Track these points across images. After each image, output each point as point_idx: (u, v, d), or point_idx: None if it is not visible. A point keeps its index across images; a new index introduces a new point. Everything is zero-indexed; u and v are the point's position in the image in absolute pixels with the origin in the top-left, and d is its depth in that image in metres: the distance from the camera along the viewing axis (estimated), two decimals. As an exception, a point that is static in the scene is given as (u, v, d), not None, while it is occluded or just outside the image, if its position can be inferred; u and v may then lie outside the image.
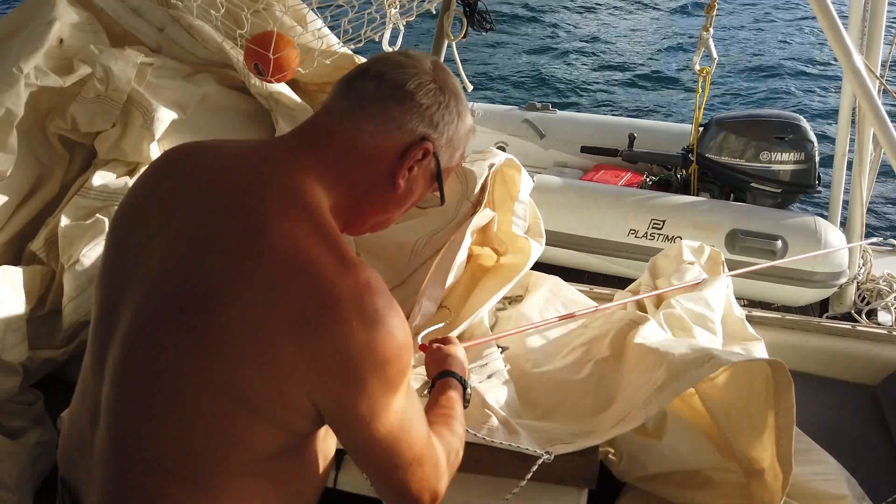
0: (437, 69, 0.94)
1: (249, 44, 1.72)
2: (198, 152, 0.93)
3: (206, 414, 0.79)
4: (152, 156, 1.86)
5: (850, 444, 1.58)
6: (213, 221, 0.82)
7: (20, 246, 1.81)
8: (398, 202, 0.96)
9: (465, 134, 0.98)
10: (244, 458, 0.82)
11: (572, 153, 3.76)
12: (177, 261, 0.82)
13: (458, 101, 0.95)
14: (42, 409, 1.66)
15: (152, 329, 0.81)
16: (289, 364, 0.77)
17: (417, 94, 0.90)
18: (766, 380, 1.23)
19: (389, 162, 0.91)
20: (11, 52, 1.71)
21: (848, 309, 2.94)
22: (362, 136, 0.89)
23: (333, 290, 0.77)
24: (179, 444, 0.81)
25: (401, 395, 0.83)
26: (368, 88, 0.90)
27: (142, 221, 0.88)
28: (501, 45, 8.55)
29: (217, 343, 0.77)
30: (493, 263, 1.73)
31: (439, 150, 0.94)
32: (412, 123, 0.90)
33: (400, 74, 0.91)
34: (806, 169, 3.08)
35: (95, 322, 0.91)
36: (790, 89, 7.31)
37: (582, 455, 1.26)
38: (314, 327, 0.76)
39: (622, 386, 1.38)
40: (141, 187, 0.94)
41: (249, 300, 0.77)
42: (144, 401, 0.82)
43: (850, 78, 1.93)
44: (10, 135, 1.66)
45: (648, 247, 2.97)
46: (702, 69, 2.96)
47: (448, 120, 0.93)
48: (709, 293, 1.64)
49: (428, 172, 0.96)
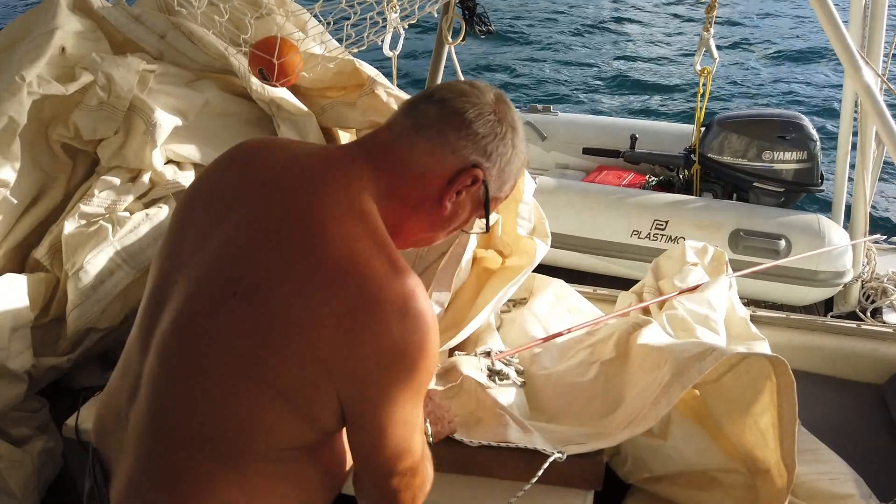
0: (499, 102, 0.98)
1: (254, 49, 1.72)
2: (267, 149, 0.99)
3: (241, 398, 0.83)
4: (155, 163, 1.86)
5: (857, 443, 1.58)
6: (271, 217, 0.87)
7: (24, 254, 1.81)
8: (442, 223, 0.99)
9: (519, 167, 1.01)
10: (271, 446, 0.86)
11: (574, 155, 3.76)
12: (234, 250, 0.86)
13: (515, 135, 0.99)
14: (47, 416, 1.66)
15: (203, 311, 0.85)
16: (328, 360, 0.80)
17: (475, 123, 0.94)
18: (769, 379, 1.23)
19: (439, 184, 0.95)
20: (14, 60, 1.72)
21: (853, 308, 2.93)
22: (417, 156, 0.93)
23: (380, 293, 0.81)
24: (213, 423, 0.85)
25: (417, 405, 0.88)
26: (430, 112, 0.95)
27: (204, 208, 0.94)
28: (502, 47, 8.56)
29: (263, 332, 0.81)
30: (498, 266, 1.73)
31: (489, 179, 0.97)
32: (466, 150, 0.94)
33: (462, 102, 0.95)
34: (808, 168, 3.08)
35: (147, 298, 0.95)
36: (792, 88, 7.30)
37: (587, 457, 1.26)
38: (357, 326, 0.80)
39: (628, 386, 1.38)
40: (209, 176, 1.00)
41: (299, 295, 0.80)
42: (185, 377, 0.86)
43: (852, 76, 1.94)
44: (13, 143, 1.67)
45: (651, 247, 2.96)
46: (703, 69, 2.95)
47: (502, 152, 0.97)
48: (711, 294, 1.64)
49: (476, 199, 0.99)
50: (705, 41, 2.75)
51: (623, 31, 9.32)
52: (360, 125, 2.01)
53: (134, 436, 0.91)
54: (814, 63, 7.88)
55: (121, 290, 1.76)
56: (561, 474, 1.26)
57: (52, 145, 1.87)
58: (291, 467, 0.90)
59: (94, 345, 1.78)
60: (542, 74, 7.93)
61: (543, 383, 1.49)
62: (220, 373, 0.84)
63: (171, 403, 0.87)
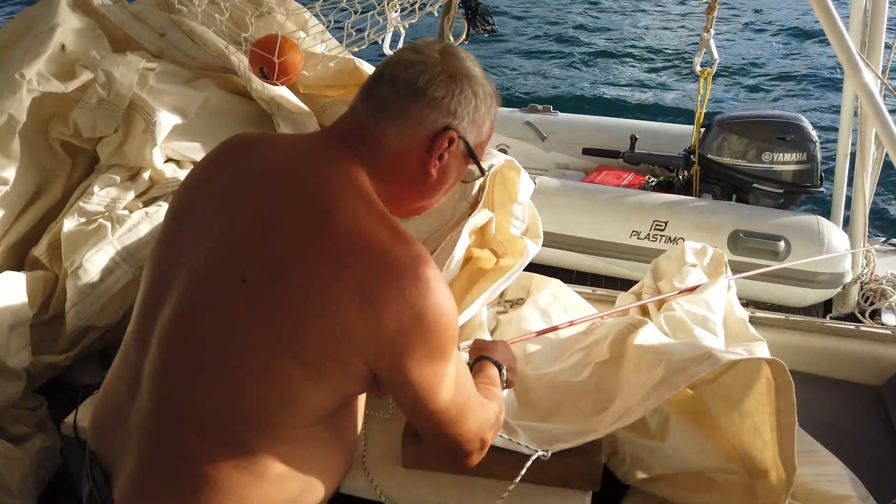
0: (446, 56, 0.98)
1: (254, 48, 1.72)
2: (255, 143, 1.01)
3: (268, 377, 0.85)
4: (154, 161, 1.86)
5: (855, 445, 1.58)
6: (279, 204, 0.89)
7: (23, 251, 1.81)
8: (434, 188, 1.02)
9: (488, 108, 1.02)
10: (294, 423, 0.89)
11: (574, 155, 3.76)
12: (238, 239, 0.89)
13: (472, 82, 0.99)
14: (45, 414, 1.66)
15: (208, 300, 0.88)
16: (350, 333, 0.84)
17: (430, 89, 0.95)
18: (767, 381, 1.23)
19: (419, 156, 0.97)
20: (14, 58, 1.72)
21: (852, 309, 2.92)
22: (388, 138, 0.96)
23: (391, 260, 0.85)
24: (233, 407, 0.87)
25: (451, 359, 0.92)
26: (386, 93, 0.96)
27: (201, 203, 0.96)
28: (502, 47, 8.56)
29: (286, 312, 0.84)
30: (492, 266, 1.74)
31: (465, 133, 0.99)
32: (431, 117, 0.96)
33: (411, 73, 0.96)
34: (808, 169, 3.08)
35: (144, 295, 0.97)
36: (791, 89, 7.30)
37: (586, 457, 1.26)
38: (375, 294, 0.83)
39: (621, 386, 1.38)
40: (201, 172, 1.03)
41: (316, 273, 0.84)
42: (199, 365, 0.88)
43: (852, 77, 1.94)
44: (12, 141, 1.67)
45: (651, 248, 2.96)
46: (703, 70, 2.95)
47: (465, 104, 0.98)
48: (709, 295, 1.64)
49: (459, 154, 1.01)
50: (705, 42, 2.75)
51: (623, 32, 9.32)
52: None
53: (137, 431, 0.91)
54: (814, 64, 7.88)
55: (120, 288, 1.76)
56: (559, 475, 1.26)
57: (51, 143, 1.87)
58: (311, 440, 0.93)
59: (92, 343, 1.78)
60: (542, 74, 7.93)
61: (536, 383, 1.48)
62: (240, 355, 0.86)
63: (179, 394, 0.89)
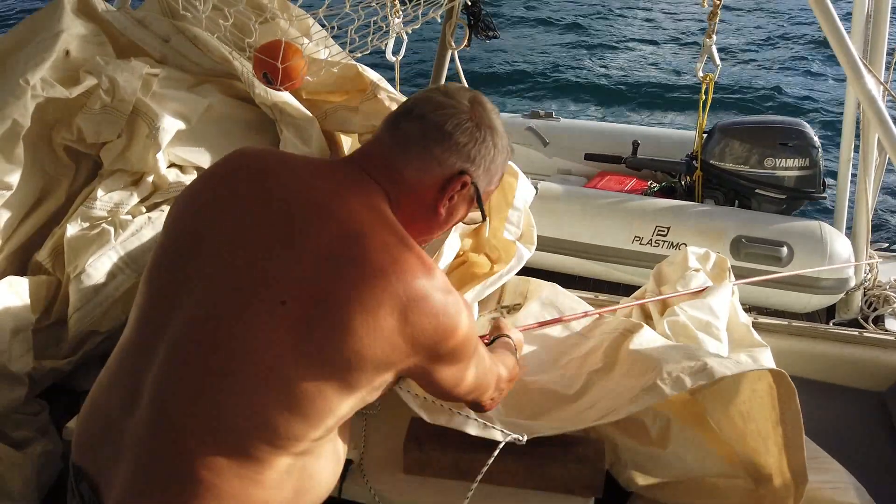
0: (475, 105, 1.06)
1: (258, 53, 1.73)
2: (276, 163, 1.03)
3: (300, 392, 0.89)
4: (158, 166, 1.87)
5: (858, 451, 1.57)
6: (312, 231, 0.93)
7: (26, 256, 1.81)
8: (441, 225, 1.11)
9: (503, 160, 1.12)
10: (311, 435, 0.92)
11: (576, 160, 3.76)
12: (278, 261, 0.91)
13: (494, 134, 1.07)
14: (47, 419, 1.66)
15: (249, 315, 0.89)
16: (390, 349, 0.91)
17: (455, 134, 1.03)
18: (768, 385, 1.23)
19: (432, 194, 1.05)
20: (18, 64, 1.73)
21: (855, 315, 2.92)
22: (409, 172, 1.03)
23: (423, 290, 0.92)
24: (254, 419, 0.88)
25: (475, 356, 1.05)
26: (412, 130, 1.03)
27: (220, 218, 0.98)
28: (504, 52, 8.58)
29: (328, 338, 0.88)
30: (486, 270, 1.74)
31: (477, 180, 1.07)
32: (451, 160, 1.03)
33: (440, 115, 1.03)
34: (811, 175, 3.07)
35: (148, 302, 0.98)
36: (794, 95, 7.30)
37: (588, 464, 1.26)
38: (412, 320, 0.91)
39: (610, 388, 1.37)
40: (217, 186, 1.03)
41: (356, 301, 0.88)
42: (221, 376, 0.89)
43: (854, 82, 1.94)
44: (16, 146, 1.67)
45: (653, 254, 2.96)
46: (705, 76, 2.95)
47: (484, 154, 1.06)
48: (713, 300, 1.64)
49: (468, 199, 1.10)
50: (707, 48, 2.75)
51: (626, 38, 9.33)
52: (363, 130, 2.02)
53: (134, 441, 0.90)
54: (816, 70, 7.88)
55: (122, 292, 1.76)
56: (562, 481, 1.26)
57: (55, 148, 1.87)
58: (314, 450, 0.95)
59: (95, 348, 1.78)
60: (545, 80, 7.94)
61: (526, 388, 1.47)
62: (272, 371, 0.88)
63: (190, 403, 0.89)
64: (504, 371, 1.20)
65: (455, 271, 1.72)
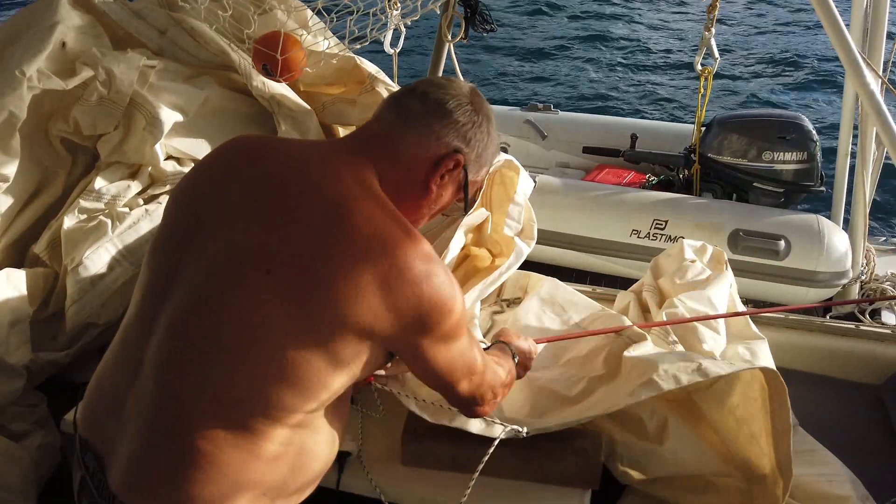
0: (474, 94, 1.11)
1: (257, 45, 1.72)
2: (268, 144, 1.08)
3: (290, 363, 0.90)
4: (155, 158, 1.86)
5: (854, 444, 1.58)
6: (299, 204, 0.95)
7: (23, 249, 1.81)
8: (428, 205, 1.10)
9: (493, 153, 1.14)
10: (303, 407, 0.93)
11: (574, 154, 3.76)
12: (264, 234, 0.94)
13: (490, 124, 1.12)
14: (45, 411, 1.66)
15: (237, 286, 0.92)
16: (373, 319, 0.91)
17: (456, 112, 1.06)
18: (761, 387, 1.24)
19: (425, 169, 1.06)
20: (14, 55, 1.72)
21: (851, 308, 2.93)
22: (406, 146, 1.05)
23: (407, 259, 0.93)
24: (248, 390, 0.91)
25: (462, 336, 1.02)
26: (414, 105, 1.06)
27: (216, 201, 1.00)
28: (502, 45, 8.55)
29: (312, 303, 0.90)
30: (488, 264, 1.73)
31: (468, 164, 1.09)
32: (448, 137, 1.06)
33: (442, 94, 1.07)
34: (808, 168, 3.07)
35: (148, 281, 1.01)
36: (792, 89, 7.30)
37: (585, 457, 1.27)
38: (395, 287, 0.91)
39: (610, 393, 1.38)
40: (214, 170, 1.06)
41: (340, 268, 0.90)
42: (215, 348, 0.91)
43: (852, 77, 1.94)
44: (12, 138, 1.67)
45: (651, 247, 2.96)
46: (704, 69, 2.95)
47: (479, 138, 1.09)
48: (712, 292, 1.64)
49: (456, 182, 1.11)
50: (706, 41, 2.75)
51: (624, 30, 9.31)
52: (360, 122, 1.99)
53: (137, 415, 0.93)
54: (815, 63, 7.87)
55: (120, 285, 1.76)
56: (559, 474, 1.27)
57: (51, 140, 1.87)
58: (309, 424, 0.96)
59: (92, 340, 1.78)
60: (543, 73, 7.92)
61: (527, 385, 1.47)
62: (266, 343, 0.90)
63: (188, 376, 0.91)
64: (502, 373, 1.18)
65: (459, 267, 1.71)
